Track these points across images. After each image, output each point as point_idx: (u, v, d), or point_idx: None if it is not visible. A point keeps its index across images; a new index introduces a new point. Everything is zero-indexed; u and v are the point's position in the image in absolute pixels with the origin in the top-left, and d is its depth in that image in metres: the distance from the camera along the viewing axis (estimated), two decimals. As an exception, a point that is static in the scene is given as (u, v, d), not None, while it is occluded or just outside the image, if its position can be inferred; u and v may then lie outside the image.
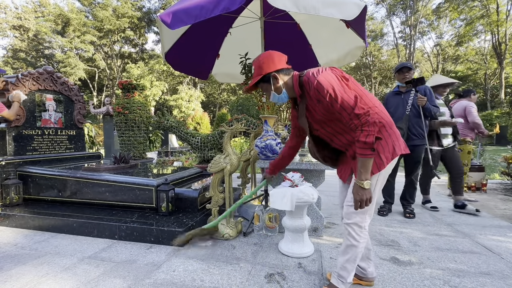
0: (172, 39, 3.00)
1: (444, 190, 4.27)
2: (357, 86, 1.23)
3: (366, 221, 1.33)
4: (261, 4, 2.89)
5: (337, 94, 1.16)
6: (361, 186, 1.20)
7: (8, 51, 25.38)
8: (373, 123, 1.13)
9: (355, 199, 1.23)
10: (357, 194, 1.22)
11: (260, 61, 1.35)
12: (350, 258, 1.35)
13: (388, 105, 2.97)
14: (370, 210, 1.33)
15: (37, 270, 1.76)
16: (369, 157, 1.17)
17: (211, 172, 2.30)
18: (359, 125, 1.15)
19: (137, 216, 2.44)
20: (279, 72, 1.34)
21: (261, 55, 1.38)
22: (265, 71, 1.33)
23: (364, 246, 1.35)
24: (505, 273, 1.68)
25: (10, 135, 3.06)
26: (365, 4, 1.96)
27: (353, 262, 1.35)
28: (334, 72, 1.23)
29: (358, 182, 1.21)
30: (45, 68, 3.46)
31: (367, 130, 1.13)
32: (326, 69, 1.24)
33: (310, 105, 1.31)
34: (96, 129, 11.28)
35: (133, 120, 4.66)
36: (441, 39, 26.31)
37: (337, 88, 1.17)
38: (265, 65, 1.33)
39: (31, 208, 2.78)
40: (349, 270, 1.36)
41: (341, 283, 1.38)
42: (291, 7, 1.84)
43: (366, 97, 1.20)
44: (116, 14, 24.42)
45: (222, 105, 29.12)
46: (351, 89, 1.19)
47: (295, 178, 1.97)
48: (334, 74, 1.22)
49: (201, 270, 1.74)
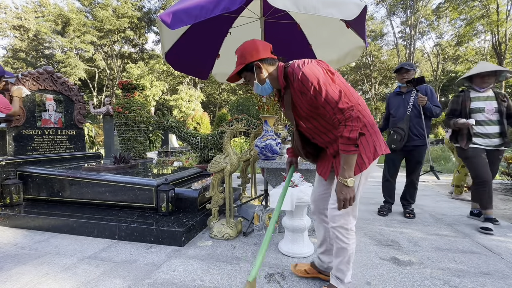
0: (172, 39, 3.00)
1: (444, 190, 4.27)
2: (342, 81, 1.22)
3: (351, 223, 1.32)
4: (261, 4, 2.89)
5: (321, 87, 1.12)
6: (345, 184, 1.15)
7: (8, 51, 25.38)
8: (357, 118, 1.10)
9: (338, 198, 1.18)
10: (340, 192, 1.17)
11: (243, 49, 1.28)
12: (343, 260, 1.35)
13: (390, 106, 2.97)
14: (354, 212, 1.30)
15: (37, 270, 1.76)
16: (353, 154, 1.13)
17: (211, 172, 2.30)
18: (342, 120, 1.11)
19: (137, 216, 2.44)
20: (263, 62, 1.27)
21: (245, 43, 1.29)
22: (248, 60, 1.26)
23: (354, 246, 1.35)
24: (505, 273, 1.68)
25: (10, 135, 3.06)
26: (365, 4, 1.96)
27: (347, 263, 1.35)
28: (320, 65, 1.19)
29: (342, 180, 1.16)
30: (45, 68, 3.46)
31: (350, 125, 1.10)
32: (312, 61, 1.20)
33: (295, 98, 1.26)
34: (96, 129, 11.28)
35: (133, 120, 4.66)
36: (441, 39, 26.31)
37: (322, 80, 1.13)
38: (248, 54, 1.26)
39: (31, 208, 2.78)
40: (344, 271, 1.36)
41: (340, 282, 1.39)
42: (291, 7, 1.83)
43: (351, 94, 1.20)
44: (116, 14, 24.42)
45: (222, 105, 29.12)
46: (336, 84, 1.17)
47: (295, 178, 1.97)
48: (320, 66, 1.18)
49: (201, 270, 1.74)
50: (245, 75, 1.33)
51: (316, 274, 1.58)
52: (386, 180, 3.01)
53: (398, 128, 2.77)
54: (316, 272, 1.58)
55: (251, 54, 1.26)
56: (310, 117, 1.27)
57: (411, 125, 2.75)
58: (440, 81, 25.69)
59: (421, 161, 2.81)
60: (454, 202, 3.48)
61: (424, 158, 2.84)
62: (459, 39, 23.69)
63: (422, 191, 4.16)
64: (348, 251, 1.32)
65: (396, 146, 2.80)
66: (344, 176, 1.15)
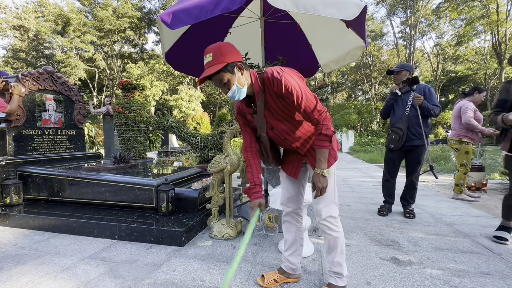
0: (172, 39, 3.00)
1: (444, 190, 4.27)
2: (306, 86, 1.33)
3: (336, 210, 1.42)
4: (261, 4, 2.89)
5: (302, 92, 1.23)
6: (322, 174, 1.30)
7: (8, 51, 25.38)
8: (330, 118, 1.29)
9: (317, 187, 1.32)
10: (319, 182, 1.31)
11: (221, 48, 1.20)
12: (338, 251, 1.41)
13: (389, 106, 2.97)
14: (336, 199, 1.43)
15: (37, 270, 1.76)
16: (327, 148, 1.30)
17: (211, 172, 2.30)
18: (320, 120, 1.26)
19: (137, 216, 2.45)
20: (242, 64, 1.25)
21: (219, 44, 1.22)
22: (229, 59, 1.19)
23: (343, 235, 1.43)
24: (505, 273, 1.68)
25: (10, 135, 3.06)
26: (365, 4, 1.96)
27: (341, 254, 1.42)
28: (295, 72, 1.27)
29: (319, 171, 1.30)
30: (45, 68, 3.46)
31: (326, 124, 1.27)
32: (287, 68, 1.26)
33: (270, 102, 1.30)
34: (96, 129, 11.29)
35: (133, 120, 4.66)
36: (441, 39, 26.32)
37: (302, 86, 1.24)
38: (229, 53, 1.20)
39: (31, 208, 2.78)
40: (341, 263, 1.42)
41: (339, 279, 1.41)
42: (291, 7, 1.83)
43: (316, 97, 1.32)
44: (116, 14, 24.43)
45: (222, 105, 29.13)
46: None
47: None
48: (295, 73, 1.27)
49: (201, 270, 1.74)
50: (222, 76, 1.20)
51: (285, 279, 1.58)
52: (386, 180, 3.01)
53: (397, 128, 2.78)
54: (285, 277, 1.59)
55: (231, 54, 1.21)
56: (284, 119, 1.34)
57: (409, 125, 2.75)
58: (440, 81, 25.70)
59: (420, 161, 2.81)
60: (454, 202, 3.48)
61: (424, 158, 2.84)
62: (459, 39, 23.70)
63: (422, 191, 4.16)
64: (340, 239, 1.41)
65: (394, 146, 2.81)
66: (321, 168, 1.31)
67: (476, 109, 3.49)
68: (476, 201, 3.52)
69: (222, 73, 1.20)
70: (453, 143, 3.68)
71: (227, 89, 1.24)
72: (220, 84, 1.23)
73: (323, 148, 1.29)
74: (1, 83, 2.90)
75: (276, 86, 1.23)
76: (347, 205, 3.36)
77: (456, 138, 3.61)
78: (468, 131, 3.49)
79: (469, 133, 3.49)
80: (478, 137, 3.52)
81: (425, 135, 2.73)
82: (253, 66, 2.44)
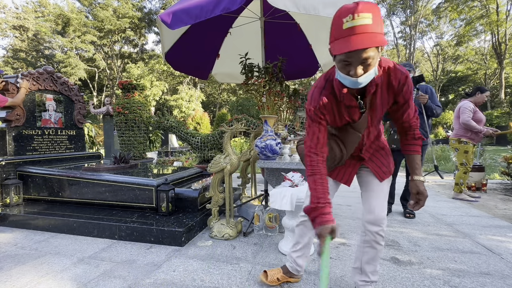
0: (172, 39, 3.00)
1: (445, 190, 4.27)
2: None
3: None
4: (261, 4, 2.89)
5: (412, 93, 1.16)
6: (423, 181, 1.19)
7: (8, 51, 25.38)
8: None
9: (424, 196, 1.18)
10: (425, 190, 1.18)
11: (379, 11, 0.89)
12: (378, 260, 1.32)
13: None
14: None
15: (37, 270, 1.76)
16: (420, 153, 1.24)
17: (211, 172, 2.30)
18: (418, 123, 1.20)
19: (137, 216, 2.45)
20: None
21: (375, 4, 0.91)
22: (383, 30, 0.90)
23: None
24: (505, 273, 1.68)
25: (10, 135, 3.06)
26: (365, 4, 1.95)
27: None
28: None
29: (421, 179, 1.19)
30: (45, 68, 3.46)
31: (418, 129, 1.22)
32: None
33: (378, 97, 1.09)
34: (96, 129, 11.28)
35: (133, 120, 4.66)
36: (441, 39, 26.32)
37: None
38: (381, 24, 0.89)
39: (31, 208, 2.78)
40: (377, 269, 1.35)
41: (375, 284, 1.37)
42: (291, 7, 1.84)
43: None
44: (116, 15, 24.43)
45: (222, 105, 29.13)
46: None
47: (295, 178, 1.97)
48: None
49: (201, 270, 1.74)
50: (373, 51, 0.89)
51: (287, 279, 1.55)
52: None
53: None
54: (288, 277, 1.55)
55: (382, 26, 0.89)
56: (379, 120, 1.21)
57: None
58: (440, 81, 25.69)
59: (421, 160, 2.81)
60: (454, 202, 3.48)
61: (425, 158, 2.84)
62: (459, 39, 23.69)
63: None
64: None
65: (396, 145, 2.81)
66: (421, 175, 1.20)
67: (477, 109, 3.49)
68: (476, 201, 3.52)
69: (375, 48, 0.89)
70: (453, 143, 3.70)
71: (363, 71, 0.93)
72: (359, 61, 0.90)
73: (419, 154, 1.22)
74: (1, 83, 2.91)
75: (398, 79, 1.06)
76: (347, 205, 3.36)
77: (455, 138, 3.63)
78: (467, 131, 3.50)
79: (468, 133, 3.50)
80: (478, 137, 3.51)
81: (427, 134, 2.73)
82: (253, 66, 2.43)
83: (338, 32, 0.91)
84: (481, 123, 3.46)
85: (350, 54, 0.89)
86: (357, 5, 0.86)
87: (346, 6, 0.88)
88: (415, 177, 1.20)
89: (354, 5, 0.86)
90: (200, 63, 3.60)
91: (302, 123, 4.64)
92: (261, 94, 2.51)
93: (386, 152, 1.34)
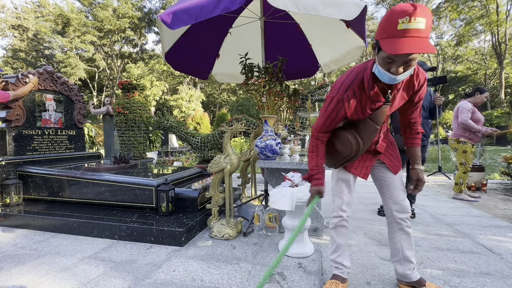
0: (172, 39, 3.00)
1: (445, 190, 4.27)
2: None
3: None
4: (261, 4, 2.89)
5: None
6: (422, 170, 1.35)
7: (8, 51, 25.37)
8: None
9: (422, 183, 1.34)
10: (424, 178, 1.34)
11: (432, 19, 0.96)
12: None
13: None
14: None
15: (37, 270, 1.76)
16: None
17: (211, 172, 2.30)
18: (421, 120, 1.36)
19: (137, 216, 2.45)
20: None
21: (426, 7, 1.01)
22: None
23: None
24: (505, 273, 1.68)
25: (10, 135, 3.06)
26: (365, 4, 1.96)
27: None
28: None
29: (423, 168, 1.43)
30: (45, 68, 3.46)
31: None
32: None
33: (401, 96, 1.22)
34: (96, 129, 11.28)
35: (133, 120, 4.66)
36: (441, 39, 26.32)
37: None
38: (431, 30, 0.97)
39: (31, 208, 2.78)
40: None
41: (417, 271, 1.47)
42: (291, 7, 1.84)
43: None
44: (116, 15, 24.42)
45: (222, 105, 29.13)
46: None
47: (295, 178, 1.97)
48: None
49: (201, 270, 1.74)
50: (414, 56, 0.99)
51: (345, 286, 1.47)
52: None
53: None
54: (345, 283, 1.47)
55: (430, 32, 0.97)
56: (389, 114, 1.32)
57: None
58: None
59: (423, 160, 2.82)
60: (454, 202, 3.48)
61: (426, 158, 2.85)
62: (459, 39, 23.69)
63: (422, 191, 4.15)
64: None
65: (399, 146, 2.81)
66: (421, 164, 1.38)
67: (476, 109, 3.49)
68: (476, 201, 3.52)
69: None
70: (452, 143, 3.70)
71: (403, 70, 1.02)
72: (403, 61, 0.98)
73: (419, 146, 1.39)
74: (0, 83, 2.91)
75: (419, 79, 1.18)
76: (347, 205, 3.36)
77: (454, 138, 3.64)
78: (466, 131, 3.51)
79: (467, 133, 3.51)
80: (477, 137, 3.51)
81: (428, 135, 2.74)
82: (253, 66, 2.43)
83: (392, 31, 0.94)
84: (479, 123, 3.47)
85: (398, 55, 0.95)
86: (415, 8, 0.89)
87: (403, 6, 0.92)
88: (416, 166, 1.36)
89: (412, 7, 0.89)
90: (200, 63, 3.60)
91: (302, 123, 4.63)
92: (261, 94, 2.51)
93: (395, 147, 1.47)
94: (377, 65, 1.07)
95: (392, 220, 1.44)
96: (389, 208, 1.43)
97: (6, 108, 3.03)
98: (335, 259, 1.50)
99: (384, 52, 0.99)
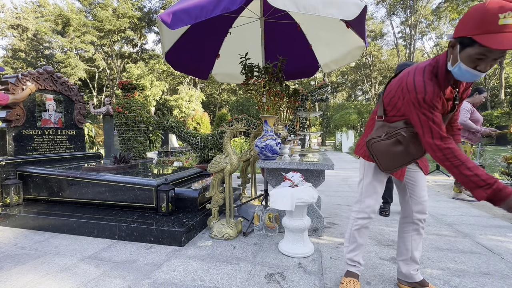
0: (172, 39, 3.00)
1: (445, 190, 4.27)
2: None
3: None
4: (261, 4, 2.89)
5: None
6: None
7: (8, 51, 25.37)
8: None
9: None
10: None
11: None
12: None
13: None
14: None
15: (37, 270, 1.76)
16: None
17: (211, 172, 2.30)
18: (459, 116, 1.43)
19: (137, 216, 2.45)
20: None
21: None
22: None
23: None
24: (505, 273, 1.68)
25: (10, 135, 3.06)
26: (365, 4, 1.96)
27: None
28: None
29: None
30: (45, 68, 3.46)
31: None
32: None
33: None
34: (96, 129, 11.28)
35: (133, 120, 4.66)
36: (441, 39, 26.32)
37: None
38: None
39: (31, 208, 2.78)
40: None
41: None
42: (291, 7, 1.84)
43: None
44: (116, 14, 24.42)
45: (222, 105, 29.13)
46: None
47: (295, 178, 1.97)
48: None
49: (201, 270, 1.74)
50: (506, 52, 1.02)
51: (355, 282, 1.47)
52: (387, 181, 3.01)
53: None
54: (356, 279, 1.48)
55: None
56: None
57: None
58: (440, 81, 25.65)
59: None
60: (454, 202, 3.49)
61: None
62: (459, 39, 23.64)
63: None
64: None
65: None
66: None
67: (475, 109, 3.50)
68: (476, 201, 3.52)
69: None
70: None
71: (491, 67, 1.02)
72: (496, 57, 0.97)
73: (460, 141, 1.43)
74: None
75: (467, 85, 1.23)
76: (347, 205, 3.36)
77: None
78: (465, 131, 3.52)
79: (466, 133, 3.52)
80: (476, 137, 3.52)
81: None
82: (253, 66, 2.43)
83: (491, 26, 0.91)
84: (478, 123, 3.48)
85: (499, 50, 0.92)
86: None
87: (499, 2, 0.90)
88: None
89: (510, 3, 0.89)
90: (200, 63, 3.60)
91: (302, 123, 4.63)
92: (261, 94, 2.51)
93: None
94: (459, 63, 1.03)
95: (408, 220, 1.46)
96: (409, 208, 1.45)
97: (6, 108, 3.03)
98: (352, 258, 1.51)
99: (475, 49, 0.96)
